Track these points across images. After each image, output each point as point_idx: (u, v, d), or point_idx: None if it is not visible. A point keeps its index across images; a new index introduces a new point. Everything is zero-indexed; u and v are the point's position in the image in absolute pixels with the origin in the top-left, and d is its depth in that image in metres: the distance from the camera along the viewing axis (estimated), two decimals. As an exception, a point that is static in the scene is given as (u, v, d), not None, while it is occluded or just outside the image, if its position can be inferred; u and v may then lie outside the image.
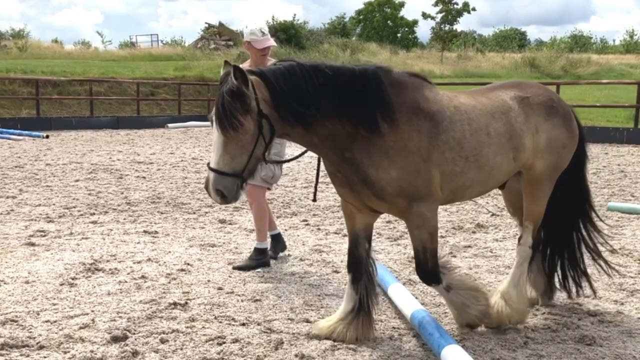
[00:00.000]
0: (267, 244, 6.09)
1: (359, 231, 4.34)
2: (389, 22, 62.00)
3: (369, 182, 3.90)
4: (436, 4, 49.66)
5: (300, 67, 3.81)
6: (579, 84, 28.44)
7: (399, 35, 61.82)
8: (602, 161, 14.90)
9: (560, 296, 5.18)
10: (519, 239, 4.68)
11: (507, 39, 63.75)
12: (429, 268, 4.10)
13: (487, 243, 6.99)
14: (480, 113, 4.20)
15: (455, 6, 49.27)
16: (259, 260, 5.92)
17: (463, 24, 57.54)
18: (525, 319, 4.55)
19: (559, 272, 5.00)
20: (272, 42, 5.86)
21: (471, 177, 4.14)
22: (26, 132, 20.08)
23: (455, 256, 6.44)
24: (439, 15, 49.80)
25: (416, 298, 4.79)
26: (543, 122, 4.43)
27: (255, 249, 6.01)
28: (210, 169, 3.68)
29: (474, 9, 49.83)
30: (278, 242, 6.31)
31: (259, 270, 5.84)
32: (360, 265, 4.33)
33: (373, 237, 7.01)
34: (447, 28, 50.24)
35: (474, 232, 7.54)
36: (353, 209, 4.25)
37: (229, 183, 3.66)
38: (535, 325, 4.56)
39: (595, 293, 5.05)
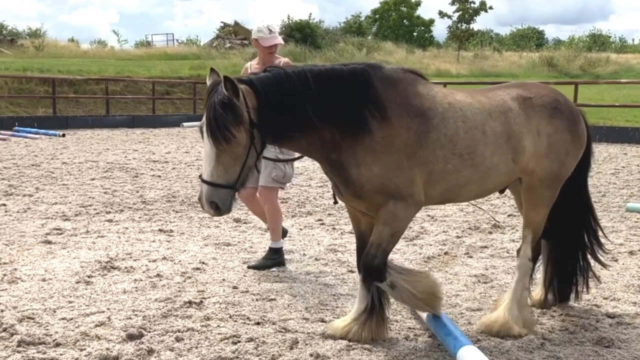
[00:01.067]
0: (282, 243, 6.07)
1: (365, 231, 4.31)
2: (405, 21, 61.77)
3: (349, 181, 3.89)
4: (453, 3, 49.33)
5: (288, 78, 3.78)
6: (597, 83, 28.20)
7: (415, 34, 61.57)
8: (621, 161, 14.75)
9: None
10: (518, 251, 4.55)
11: (524, 38, 63.15)
12: (374, 265, 3.99)
13: (503, 244, 6.94)
14: (477, 111, 4.11)
15: (472, 5, 48.93)
16: (274, 259, 5.92)
17: (480, 23, 57.39)
18: (532, 331, 4.37)
19: (555, 283, 4.86)
20: (279, 40, 5.86)
21: (466, 176, 4.05)
22: (43, 130, 20.21)
23: (471, 257, 6.40)
24: (456, 14, 49.48)
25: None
26: (546, 124, 4.26)
27: (270, 249, 6.01)
28: (204, 181, 3.65)
29: (490, 8, 49.42)
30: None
31: (273, 269, 5.83)
32: None
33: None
34: (463, 27, 49.89)
35: (490, 233, 7.48)
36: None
37: (223, 195, 3.65)
38: (552, 327, 4.52)
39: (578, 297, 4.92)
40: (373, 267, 4.00)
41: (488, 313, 4.59)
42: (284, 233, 6.31)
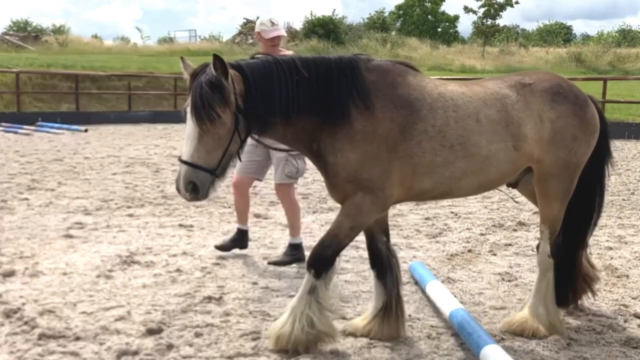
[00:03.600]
0: (302, 239, 6.03)
1: (372, 225, 4.21)
2: (429, 16, 61.30)
3: (327, 170, 3.80)
4: (478, -2, 48.69)
5: (277, 65, 3.70)
6: (627, 79, 27.65)
7: (439, 29, 61.09)
8: (649, 159, 14.49)
9: (605, 297, 5.02)
10: (537, 247, 4.41)
11: (551, 34, 62.08)
12: (326, 254, 3.82)
13: (528, 241, 6.83)
14: (469, 100, 3.94)
15: (498, 0, 48.29)
16: (294, 255, 5.88)
17: (506, 19, 56.30)
18: (557, 332, 4.24)
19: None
20: (281, 32, 5.81)
21: (461, 167, 3.88)
22: (66, 126, 20.39)
23: (495, 254, 6.31)
24: (481, 10, 48.87)
25: (455, 296, 4.68)
26: (548, 109, 4.07)
27: (290, 245, 5.97)
28: (183, 161, 3.53)
29: (517, 3, 48.56)
30: (243, 238, 6.13)
31: (293, 265, 5.79)
32: (381, 260, 4.22)
33: (411, 234, 6.99)
34: (489, 22, 49.26)
35: (514, 230, 7.37)
36: None
37: (202, 177, 3.52)
38: (579, 327, 4.42)
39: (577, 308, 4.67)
40: (321, 257, 3.82)
41: (513, 312, 4.50)
42: (244, 246, 6.09)
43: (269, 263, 5.85)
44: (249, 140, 5.69)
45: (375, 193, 3.76)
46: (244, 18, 46.57)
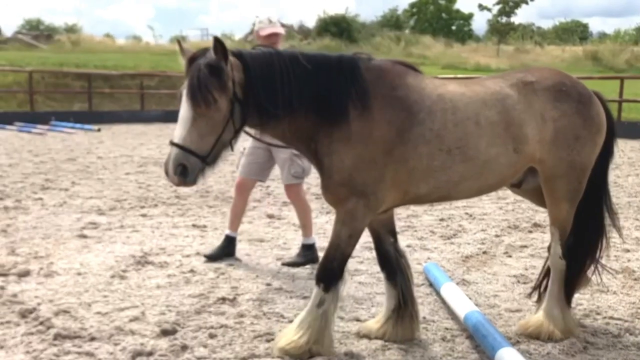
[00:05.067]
0: (314, 239, 6.02)
1: (377, 227, 4.18)
2: (443, 14, 61.04)
3: (322, 172, 3.75)
4: (493, -4, 48.36)
5: (278, 56, 3.64)
6: (644, 78, 27.40)
7: (453, 27, 60.82)
8: (666, 160, 14.37)
9: (622, 300, 4.97)
10: (548, 249, 4.34)
11: (567, 32, 61.59)
12: (332, 266, 3.79)
13: (543, 243, 6.76)
14: (469, 101, 3.82)
15: (513, -3, 47.94)
16: (307, 256, 5.86)
17: (521, 16, 55.68)
18: (573, 334, 4.20)
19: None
20: (279, 29, 5.76)
21: (459, 171, 3.78)
22: (79, 125, 20.50)
23: (510, 256, 6.26)
24: (496, 7, 48.55)
25: (470, 299, 4.65)
26: (551, 108, 3.94)
27: (303, 245, 5.96)
28: (174, 144, 3.44)
29: (532, 0, 48.36)
30: (230, 245, 6.06)
31: (307, 266, 5.77)
32: (390, 261, 4.19)
33: (425, 236, 6.96)
34: (504, 20, 48.92)
35: (530, 232, 7.32)
36: None
37: (193, 162, 3.44)
38: (595, 330, 4.37)
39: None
40: (329, 270, 3.79)
41: (529, 315, 4.46)
42: (231, 253, 6.00)
43: (283, 264, 5.84)
44: (251, 143, 5.72)
45: (368, 197, 3.70)
46: (256, 16, 46.47)
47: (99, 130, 19.75)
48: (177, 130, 3.46)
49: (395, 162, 3.69)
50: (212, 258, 5.86)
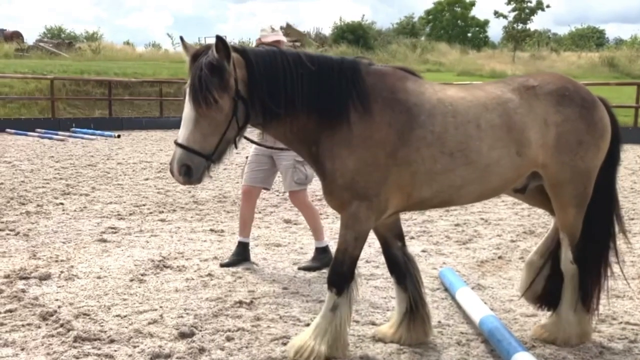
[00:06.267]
0: (327, 241, 6.07)
1: (384, 232, 4.20)
2: (459, 21, 60.87)
3: (324, 175, 3.76)
4: (509, 3, 48.07)
5: (282, 55, 3.65)
6: (662, 85, 27.11)
7: (469, 34, 60.62)
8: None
9: (638, 305, 4.96)
10: (560, 254, 4.27)
11: (584, 38, 61.09)
12: (342, 270, 3.82)
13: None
14: (470, 105, 3.82)
15: (529, 4, 47.68)
16: (322, 259, 5.90)
17: (537, 23, 55.16)
18: (588, 339, 4.22)
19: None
20: (280, 37, 5.78)
21: (462, 175, 3.78)
22: (99, 131, 20.71)
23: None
24: (512, 14, 48.32)
25: (485, 303, 4.66)
26: (553, 113, 3.91)
27: (317, 249, 6.01)
28: (178, 144, 3.49)
29: (548, 7, 47.98)
30: (245, 250, 6.09)
31: (324, 270, 5.81)
32: (399, 265, 4.21)
33: (441, 241, 6.97)
34: (520, 27, 48.67)
35: (545, 237, 7.29)
36: None
37: (197, 161, 3.48)
38: (611, 335, 4.37)
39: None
40: (339, 274, 3.82)
41: (544, 320, 4.46)
42: (246, 258, 6.02)
43: (300, 269, 5.88)
44: (253, 150, 5.79)
45: (371, 200, 3.71)
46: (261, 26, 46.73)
47: (118, 136, 19.94)
48: (181, 130, 3.50)
49: (398, 165, 3.70)
50: (228, 266, 5.91)
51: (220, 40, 3.39)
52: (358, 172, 3.67)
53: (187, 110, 3.47)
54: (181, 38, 3.69)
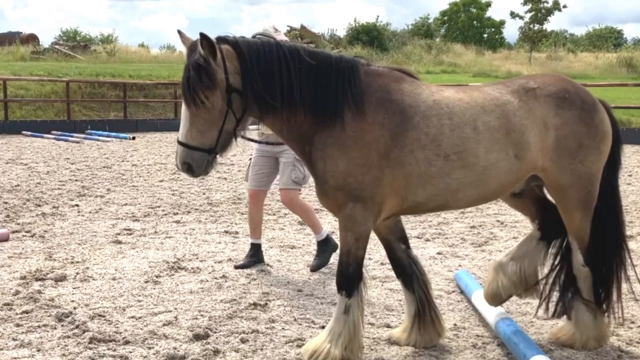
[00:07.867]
0: (326, 231, 6.05)
1: (386, 235, 4.17)
2: (474, 22, 60.58)
3: (316, 176, 3.74)
4: (525, 3, 47.76)
5: (278, 48, 3.63)
6: (681, 85, 26.86)
7: (485, 35, 60.30)
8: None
9: (656, 308, 4.89)
10: (571, 258, 4.19)
11: (601, 38, 60.48)
12: (349, 272, 3.80)
13: (575, 250, 6.70)
14: (467, 106, 3.76)
15: (545, 5, 47.34)
16: (326, 249, 5.90)
17: (553, 23, 54.70)
18: (606, 342, 4.16)
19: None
20: (282, 38, 5.78)
21: (458, 178, 3.71)
22: (114, 133, 20.84)
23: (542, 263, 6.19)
24: (528, 15, 48.00)
25: (501, 306, 4.61)
26: (553, 116, 3.84)
27: (318, 242, 6.00)
28: (179, 143, 3.57)
29: (565, 7, 47.58)
30: (258, 252, 6.09)
31: (333, 260, 5.76)
32: (404, 268, 4.17)
33: (456, 243, 6.93)
34: (536, 27, 48.33)
35: (561, 239, 7.23)
36: None
37: (198, 157, 3.55)
38: (630, 339, 4.32)
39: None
40: (346, 276, 3.80)
41: (561, 323, 4.42)
42: (260, 259, 6.02)
43: (312, 271, 5.86)
44: (256, 151, 5.77)
45: (365, 201, 3.68)
46: (288, 26, 46.71)
47: (133, 138, 20.05)
48: (181, 129, 3.59)
49: (392, 167, 3.66)
50: (243, 268, 5.91)
51: (204, 38, 3.41)
52: (350, 173, 3.64)
53: (183, 109, 3.57)
54: (179, 31, 3.73)
